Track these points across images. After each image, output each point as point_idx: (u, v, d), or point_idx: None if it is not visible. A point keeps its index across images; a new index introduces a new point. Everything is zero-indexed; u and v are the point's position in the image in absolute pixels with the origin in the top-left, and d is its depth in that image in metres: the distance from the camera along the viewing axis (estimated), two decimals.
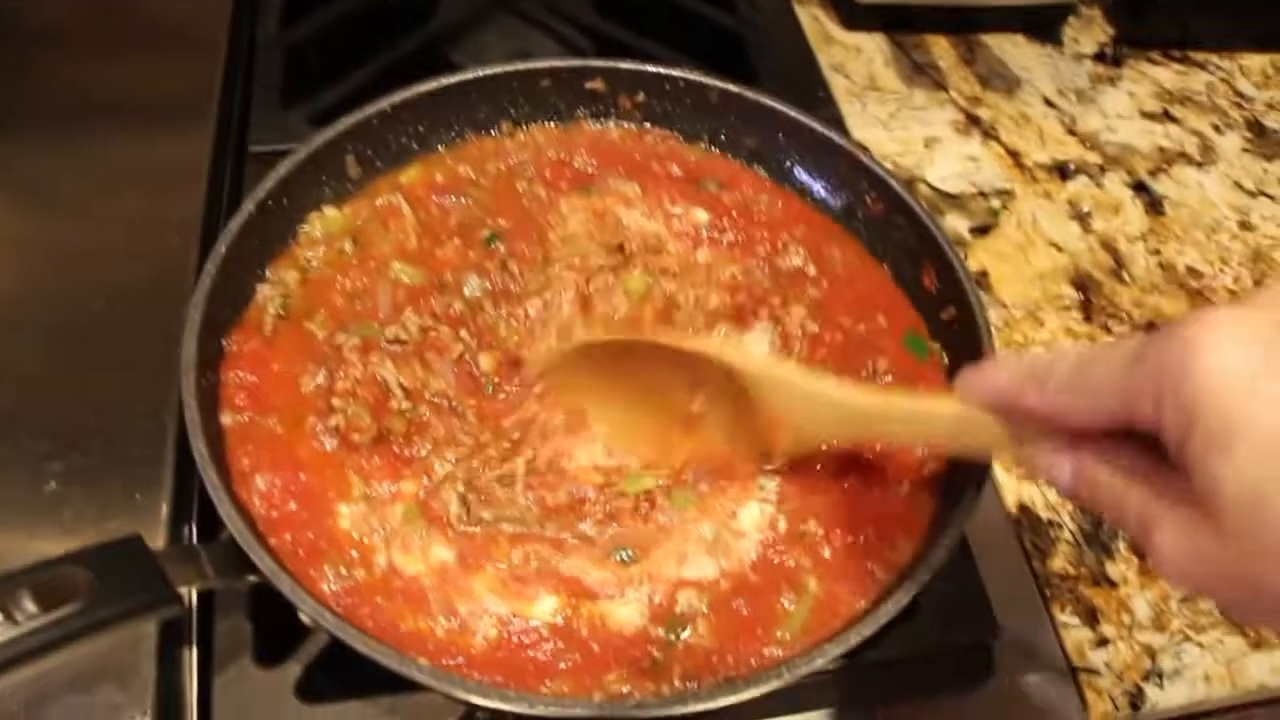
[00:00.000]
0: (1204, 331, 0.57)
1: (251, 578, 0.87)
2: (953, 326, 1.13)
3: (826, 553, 1.00)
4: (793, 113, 1.26)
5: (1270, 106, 1.71)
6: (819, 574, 0.98)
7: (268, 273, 1.12)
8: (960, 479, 1.00)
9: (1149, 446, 0.64)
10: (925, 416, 0.86)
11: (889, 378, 1.12)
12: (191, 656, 0.97)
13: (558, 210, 1.24)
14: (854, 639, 0.88)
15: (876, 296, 1.20)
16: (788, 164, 1.29)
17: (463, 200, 1.22)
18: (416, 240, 1.18)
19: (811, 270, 1.21)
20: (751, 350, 0.97)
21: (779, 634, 0.95)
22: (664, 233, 1.23)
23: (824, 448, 1.03)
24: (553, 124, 1.31)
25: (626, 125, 1.32)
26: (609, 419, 1.05)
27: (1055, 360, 0.70)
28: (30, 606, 0.73)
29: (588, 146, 1.30)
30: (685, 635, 0.95)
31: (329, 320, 1.09)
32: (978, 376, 0.77)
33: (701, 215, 1.25)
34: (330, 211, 1.18)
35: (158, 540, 0.98)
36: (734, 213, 1.25)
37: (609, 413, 1.05)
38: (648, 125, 1.32)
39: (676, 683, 0.91)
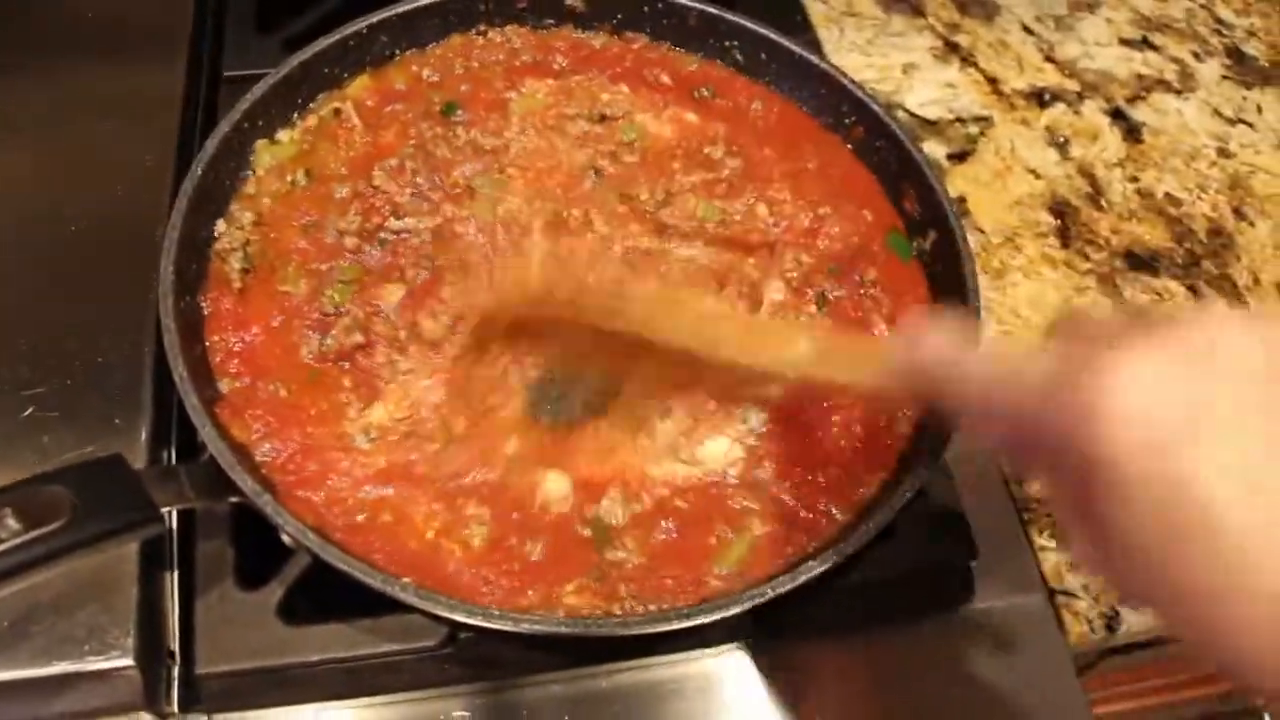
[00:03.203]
0: (1113, 383, 0.57)
1: (233, 498, 0.87)
2: (934, 251, 1.13)
3: (781, 495, 0.98)
4: (771, 34, 1.24)
5: (1250, 33, 1.70)
6: (765, 516, 0.97)
7: (231, 206, 1.09)
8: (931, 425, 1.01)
9: None
10: (857, 367, 0.86)
11: (875, 289, 1.12)
12: (173, 579, 0.97)
13: (519, 90, 1.23)
14: (784, 585, 0.88)
15: (863, 198, 1.19)
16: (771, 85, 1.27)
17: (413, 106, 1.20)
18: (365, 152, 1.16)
19: (810, 165, 1.21)
20: (690, 311, 0.98)
21: (715, 568, 0.94)
22: (652, 122, 1.22)
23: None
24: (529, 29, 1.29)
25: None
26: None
27: (983, 359, 0.71)
28: (13, 524, 0.73)
29: (568, 50, 1.27)
30: (617, 551, 0.94)
31: (299, 272, 1.06)
32: (913, 345, 0.76)
33: (692, 118, 1.24)
34: (284, 135, 1.15)
35: (138, 463, 0.97)
36: (726, 118, 1.24)
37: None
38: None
39: (627, 602, 0.91)
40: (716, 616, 0.87)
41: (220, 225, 1.07)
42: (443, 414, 0.99)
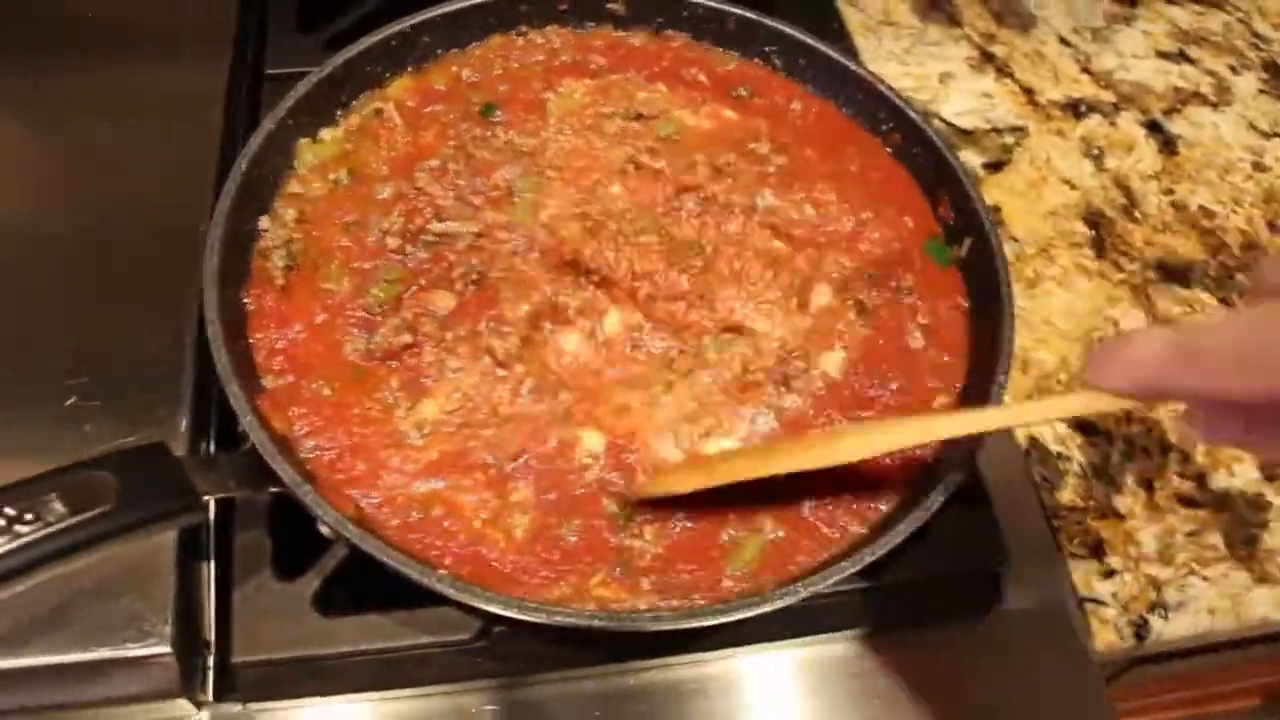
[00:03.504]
0: None
1: (273, 488, 0.88)
2: (969, 258, 1.13)
3: (793, 503, 0.98)
4: (810, 40, 1.25)
5: None
6: (776, 519, 0.97)
7: (274, 203, 1.11)
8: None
9: None
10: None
11: (913, 296, 1.12)
12: (210, 569, 0.99)
13: (557, 90, 1.24)
14: (801, 590, 0.89)
15: (904, 202, 1.19)
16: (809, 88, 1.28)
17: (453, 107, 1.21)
18: (406, 151, 1.17)
19: (852, 168, 1.21)
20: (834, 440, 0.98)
21: (729, 568, 0.94)
22: (689, 117, 1.23)
23: None
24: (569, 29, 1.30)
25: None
26: None
27: (1210, 334, 0.64)
28: (60, 508, 0.74)
29: (606, 49, 1.28)
30: (635, 540, 0.95)
31: (342, 270, 1.07)
32: (1114, 360, 0.69)
33: (731, 115, 1.24)
34: (326, 134, 1.17)
35: (177, 453, 0.98)
36: (766, 116, 1.25)
37: None
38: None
39: (650, 596, 0.92)
40: (746, 614, 0.88)
41: (264, 222, 1.08)
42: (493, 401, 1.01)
